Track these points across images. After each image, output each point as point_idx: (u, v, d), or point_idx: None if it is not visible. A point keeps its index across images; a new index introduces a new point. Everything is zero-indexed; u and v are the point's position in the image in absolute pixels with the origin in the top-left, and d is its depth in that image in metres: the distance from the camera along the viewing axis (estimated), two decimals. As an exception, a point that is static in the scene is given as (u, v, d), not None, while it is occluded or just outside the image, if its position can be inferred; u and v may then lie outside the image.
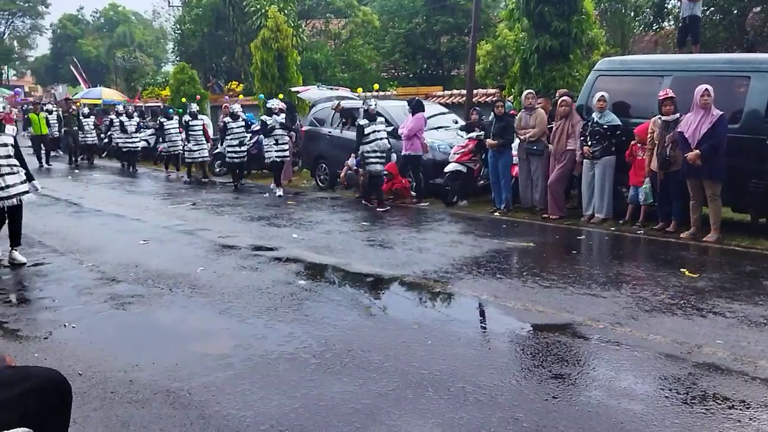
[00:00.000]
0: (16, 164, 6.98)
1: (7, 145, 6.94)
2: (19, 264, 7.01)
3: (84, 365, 4.29)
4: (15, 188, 6.95)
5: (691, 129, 7.55)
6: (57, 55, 60.52)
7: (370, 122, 10.76)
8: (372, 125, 10.75)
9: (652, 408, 3.52)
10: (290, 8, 23.42)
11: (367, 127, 10.71)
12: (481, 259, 7.07)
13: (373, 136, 10.66)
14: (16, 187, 6.96)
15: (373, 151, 10.65)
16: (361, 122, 10.84)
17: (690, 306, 5.28)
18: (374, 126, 10.76)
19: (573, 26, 11.89)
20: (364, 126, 10.76)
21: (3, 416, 2.21)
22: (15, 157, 7.04)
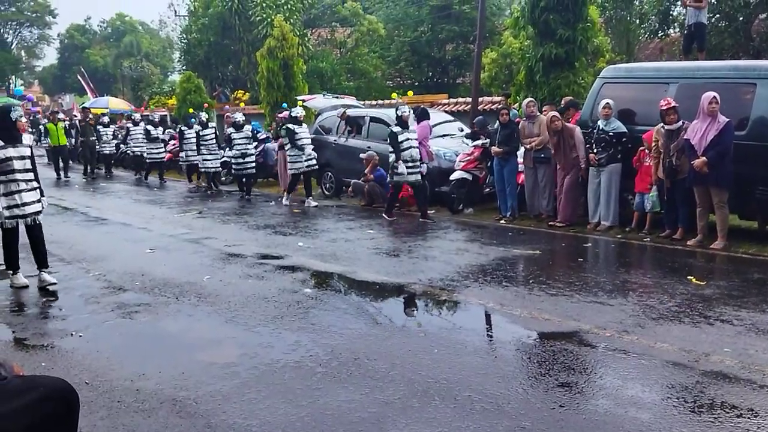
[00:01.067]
0: (33, 179, 6.45)
1: (24, 157, 6.36)
2: (50, 287, 6.45)
3: (91, 374, 4.30)
4: (32, 207, 6.44)
5: (698, 136, 7.54)
6: (64, 64, 60.89)
7: (403, 130, 10.21)
8: (405, 133, 10.21)
9: (660, 417, 3.51)
10: (296, 17, 23.52)
11: (401, 135, 10.16)
12: (487, 266, 7.06)
13: (406, 144, 10.13)
14: (32, 206, 6.45)
15: (405, 160, 10.09)
16: (395, 129, 10.24)
17: (697, 314, 5.25)
18: (407, 134, 10.23)
19: (578, 34, 11.89)
20: (397, 134, 10.18)
21: (11, 425, 2.22)
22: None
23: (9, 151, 6.20)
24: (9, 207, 6.28)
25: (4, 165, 6.18)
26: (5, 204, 6.24)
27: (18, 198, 6.29)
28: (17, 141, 6.29)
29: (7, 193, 6.25)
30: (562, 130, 9.06)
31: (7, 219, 6.30)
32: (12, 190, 6.26)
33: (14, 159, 6.21)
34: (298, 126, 12.32)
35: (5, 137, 6.19)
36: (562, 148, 9.12)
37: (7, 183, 6.25)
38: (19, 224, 6.40)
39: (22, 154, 6.33)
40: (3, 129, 6.21)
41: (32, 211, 6.43)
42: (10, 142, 6.20)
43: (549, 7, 11.63)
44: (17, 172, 6.26)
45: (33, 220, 6.48)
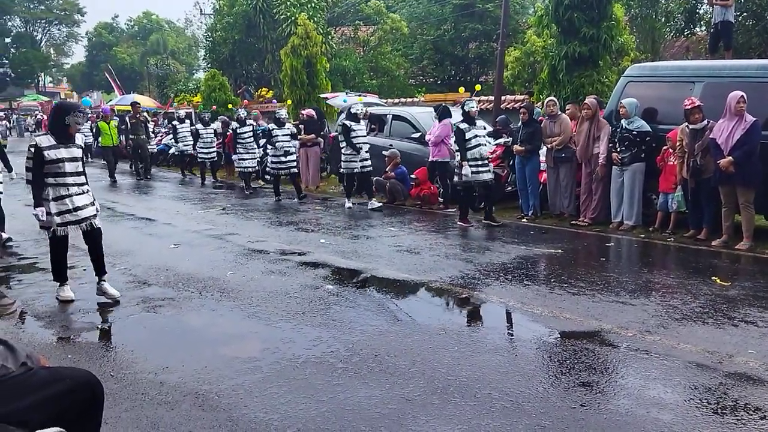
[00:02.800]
0: (84, 182, 5.91)
1: (77, 159, 5.82)
2: (111, 299, 5.92)
3: (115, 367, 4.37)
4: (85, 210, 5.87)
5: (724, 135, 7.45)
6: (92, 62, 61.75)
7: (470, 126, 9.45)
8: (473, 129, 9.47)
9: (682, 418, 3.48)
10: (320, 16, 23.62)
11: (468, 132, 9.43)
12: (508, 265, 7.05)
13: (474, 142, 9.38)
14: (86, 210, 5.88)
15: (474, 159, 9.40)
16: (461, 126, 9.46)
17: (721, 315, 5.20)
18: (475, 130, 9.48)
19: (602, 32, 11.79)
20: (464, 131, 9.44)
21: (38, 416, 2.26)
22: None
23: (61, 151, 5.69)
24: (60, 213, 5.72)
25: (54, 166, 5.67)
26: (56, 210, 5.70)
27: (69, 202, 5.75)
28: (69, 141, 5.78)
29: (57, 197, 5.71)
30: (593, 119, 9.03)
31: (59, 226, 5.75)
32: (62, 194, 5.73)
33: (66, 160, 5.71)
34: (356, 123, 11.43)
35: (58, 136, 5.70)
36: (584, 139, 9.08)
37: (57, 186, 5.72)
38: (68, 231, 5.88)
39: (74, 155, 5.81)
40: (57, 128, 5.72)
41: (86, 215, 5.88)
42: (62, 142, 5.70)
43: (573, 5, 11.55)
44: (68, 175, 5.75)
45: (89, 225, 5.93)
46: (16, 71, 55.78)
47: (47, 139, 5.63)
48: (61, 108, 5.82)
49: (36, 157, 5.61)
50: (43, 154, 5.57)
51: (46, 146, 5.59)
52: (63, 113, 5.66)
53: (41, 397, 2.30)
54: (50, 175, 5.66)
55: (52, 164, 5.63)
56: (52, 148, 5.63)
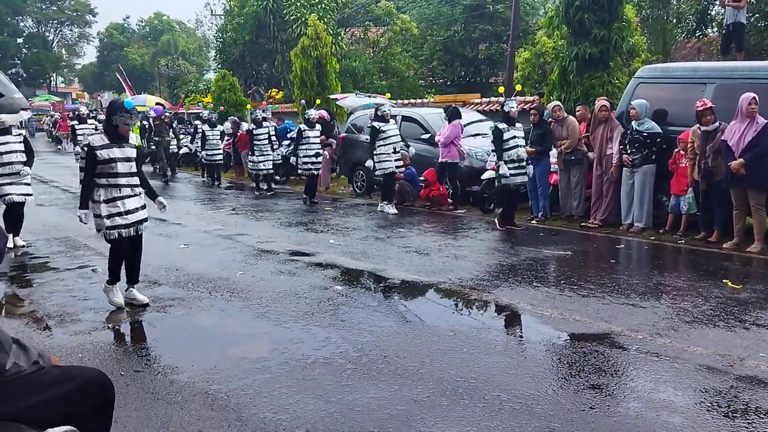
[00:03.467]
0: (137, 184, 5.66)
1: (130, 159, 5.57)
2: (140, 305, 5.74)
3: (126, 366, 4.40)
4: (136, 214, 5.61)
5: (736, 137, 7.41)
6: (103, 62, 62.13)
7: (509, 126, 9.17)
8: (511, 130, 9.15)
9: (692, 421, 3.46)
10: (330, 16, 23.65)
11: (506, 132, 9.11)
12: (517, 267, 7.03)
13: (512, 143, 9.09)
14: (137, 213, 5.62)
15: (512, 160, 9.06)
16: (500, 126, 9.14)
17: (732, 318, 5.17)
18: (514, 131, 9.16)
19: (613, 33, 11.74)
20: (503, 131, 9.09)
21: (49, 414, 2.27)
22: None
23: (113, 151, 5.45)
24: (111, 215, 5.47)
25: (107, 167, 5.44)
26: (106, 212, 5.45)
27: (121, 205, 5.50)
28: (123, 140, 5.54)
29: (108, 199, 5.47)
30: (608, 120, 9.02)
31: (108, 230, 5.51)
32: (114, 196, 5.48)
33: (119, 160, 5.47)
34: (385, 123, 11.04)
35: (110, 136, 5.48)
36: (600, 140, 9.07)
37: (109, 188, 5.48)
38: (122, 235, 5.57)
39: (127, 155, 5.56)
40: (108, 128, 5.53)
41: (136, 219, 5.62)
42: (115, 141, 5.47)
43: (584, 6, 11.50)
44: (120, 175, 5.50)
45: (136, 230, 5.67)
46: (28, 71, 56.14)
47: (100, 138, 5.44)
48: (108, 108, 5.63)
49: (89, 157, 5.43)
50: (95, 153, 5.37)
51: (99, 145, 5.39)
52: (110, 113, 5.50)
53: (53, 396, 2.31)
54: (103, 175, 5.45)
55: (104, 164, 5.42)
56: (105, 147, 5.42)
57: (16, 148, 8.12)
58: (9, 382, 2.20)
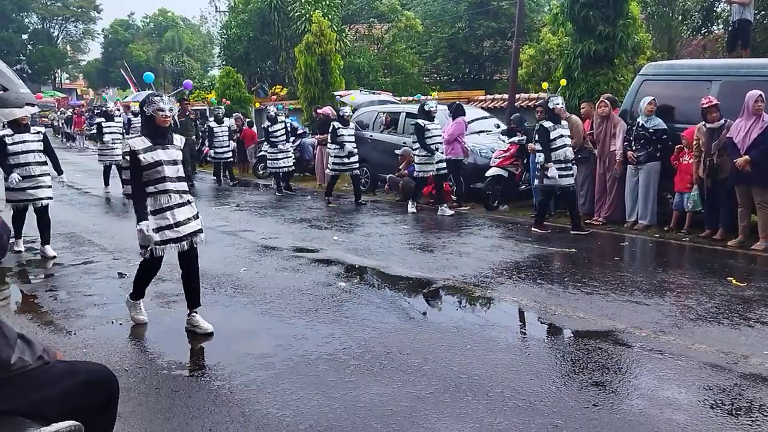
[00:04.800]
0: (186, 190, 4.97)
1: (177, 162, 4.87)
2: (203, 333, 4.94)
3: (130, 361, 4.41)
4: (187, 226, 4.89)
5: (741, 135, 7.39)
6: (108, 59, 62.18)
7: (555, 125, 8.60)
8: (558, 129, 8.61)
9: (696, 419, 3.46)
10: (334, 13, 23.63)
11: (553, 131, 8.59)
12: (521, 264, 7.03)
13: (560, 142, 8.55)
14: (189, 225, 4.90)
15: (559, 161, 8.53)
16: (546, 124, 8.60)
17: (737, 315, 5.16)
18: (560, 130, 8.64)
19: (618, 30, 11.72)
20: (549, 129, 8.59)
21: (54, 409, 2.28)
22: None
23: (158, 153, 4.76)
24: (160, 228, 4.77)
25: (152, 171, 4.74)
26: (154, 225, 4.74)
27: (170, 216, 4.80)
28: (167, 141, 4.87)
29: (156, 210, 4.77)
30: (609, 116, 9.01)
31: (157, 245, 4.79)
32: (162, 205, 4.78)
33: (165, 164, 4.76)
34: (430, 122, 10.37)
35: (153, 136, 4.79)
36: (602, 137, 9.06)
37: (157, 195, 4.78)
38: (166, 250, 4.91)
39: (173, 157, 4.85)
40: (148, 127, 4.85)
41: (189, 231, 4.91)
42: (158, 143, 4.79)
43: (589, 3, 11.50)
44: (168, 180, 4.79)
45: (190, 244, 4.96)
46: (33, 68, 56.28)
47: (141, 141, 4.74)
48: (141, 103, 4.90)
49: (132, 164, 4.73)
50: (138, 158, 4.68)
51: (141, 148, 4.70)
52: (141, 107, 4.84)
53: (57, 391, 2.32)
54: (149, 182, 4.76)
55: (149, 169, 4.72)
56: (148, 150, 4.72)
57: (34, 147, 7.41)
58: (14, 377, 2.21)
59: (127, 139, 4.93)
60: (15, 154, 7.27)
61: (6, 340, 2.17)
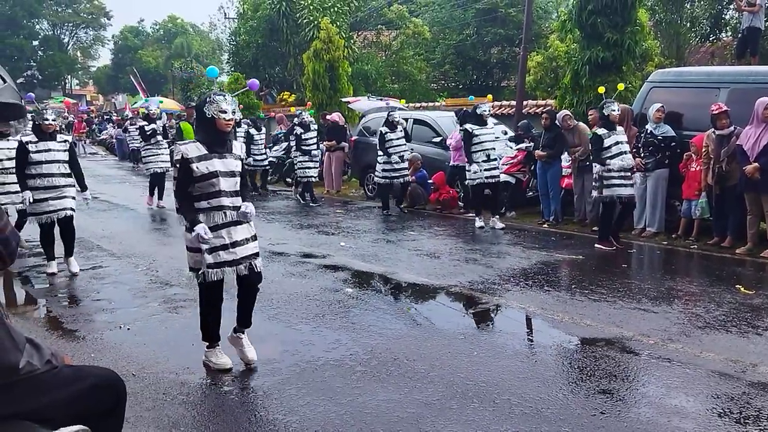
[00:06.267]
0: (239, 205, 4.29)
1: (234, 174, 4.24)
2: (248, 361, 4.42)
3: (137, 366, 4.42)
4: (245, 248, 4.32)
5: (751, 142, 7.36)
6: (118, 65, 62.50)
7: (610, 132, 8.00)
8: (613, 135, 8.00)
9: (704, 427, 3.44)
10: (342, 20, 23.69)
11: (607, 138, 7.98)
12: (528, 270, 7.02)
13: (615, 149, 7.95)
14: (246, 246, 4.33)
15: (612, 169, 7.94)
16: (599, 131, 8.06)
17: (745, 323, 5.13)
18: (616, 136, 8.03)
19: (626, 37, 11.70)
20: (603, 136, 8.01)
21: (61, 413, 2.29)
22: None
23: (214, 162, 4.14)
24: (214, 249, 4.18)
25: (206, 183, 4.13)
26: (208, 245, 4.18)
27: (226, 235, 4.21)
28: (226, 148, 4.24)
29: (210, 228, 4.15)
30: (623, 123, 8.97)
31: (210, 269, 4.20)
32: (218, 223, 4.19)
33: (221, 175, 4.15)
34: (480, 126, 9.58)
35: (210, 140, 4.18)
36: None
37: (210, 212, 4.17)
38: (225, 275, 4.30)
39: (230, 168, 4.22)
40: (206, 131, 4.21)
41: (246, 254, 4.32)
42: (216, 150, 4.18)
43: (597, 10, 11.48)
44: (224, 194, 4.18)
45: (249, 267, 4.36)
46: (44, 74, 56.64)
47: (196, 148, 4.13)
48: (200, 103, 4.28)
49: (182, 172, 4.11)
50: (190, 167, 4.08)
51: (195, 156, 4.09)
52: (200, 108, 4.20)
53: (65, 395, 2.33)
54: (201, 196, 4.17)
55: (202, 180, 4.11)
56: (203, 159, 4.11)
57: (60, 157, 6.77)
58: (22, 381, 2.22)
59: (179, 145, 4.21)
60: (38, 164, 6.63)
61: (15, 344, 2.19)
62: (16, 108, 2.12)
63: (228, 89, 23.72)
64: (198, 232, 4.08)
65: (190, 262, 4.35)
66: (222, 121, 4.11)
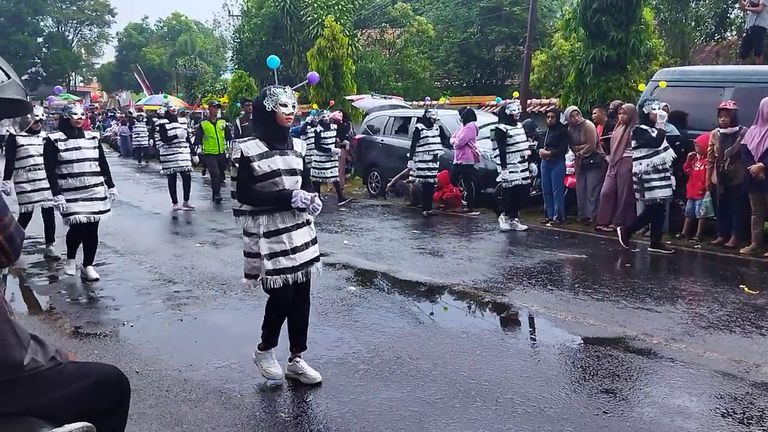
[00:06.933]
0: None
1: (296, 172, 3.91)
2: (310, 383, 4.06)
3: (141, 363, 4.43)
4: (305, 253, 3.99)
5: (756, 142, 7.34)
6: (122, 62, 62.58)
7: (652, 129, 7.61)
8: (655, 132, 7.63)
9: (707, 427, 3.44)
10: (346, 18, 23.69)
11: (653, 134, 7.58)
12: (532, 269, 7.01)
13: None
14: (307, 251, 4.00)
15: (652, 170, 7.59)
16: (643, 126, 7.62)
17: (749, 323, 5.12)
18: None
19: (631, 36, 11.69)
20: (649, 131, 7.57)
21: (65, 410, 2.29)
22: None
23: (276, 160, 3.84)
24: (274, 255, 3.85)
25: (268, 183, 3.82)
26: (267, 250, 3.84)
27: (287, 240, 3.88)
28: (287, 145, 3.95)
29: (271, 231, 3.86)
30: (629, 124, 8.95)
31: (269, 276, 3.86)
32: (279, 226, 3.87)
33: (283, 174, 3.84)
34: (512, 127, 9.19)
35: (270, 136, 3.88)
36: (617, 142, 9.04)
37: (271, 214, 3.86)
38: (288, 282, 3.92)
39: (292, 166, 3.91)
40: (265, 125, 3.91)
41: (306, 259, 4.00)
42: (276, 147, 3.87)
43: (602, 9, 11.48)
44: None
45: (306, 275, 4.04)
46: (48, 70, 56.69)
47: (255, 145, 3.82)
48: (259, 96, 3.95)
49: (242, 171, 3.80)
50: (251, 166, 3.78)
51: (255, 154, 3.79)
52: (259, 101, 3.90)
53: (69, 392, 2.33)
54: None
55: (263, 180, 3.81)
56: (263, 157, 3.80)
57: (90, 155, 6.43)
58: (26, 378, 2.22)
59: (239, 143, 3.91)
60: (68, 162, 6.28)
61: (19, 341, 2.19)
62: (20, 104, 2.12)
63: (232, 87, 23.75)
64: (299, 196, 3.74)
65: (246, 269, 4.03)
66: (282, 115, 3.84)
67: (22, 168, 7.43)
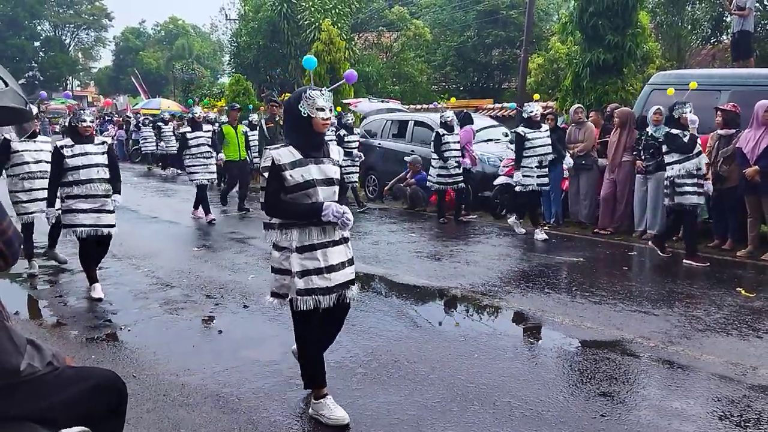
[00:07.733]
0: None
1: (332, 182, 3.57)
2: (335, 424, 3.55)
3: (138, 368, 4.42)
4: (342, 273, 3.62)
5: (751, 145, 7.37)
6: (119, 66, 62.69)
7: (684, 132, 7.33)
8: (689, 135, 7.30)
9: (705, 430, 3.44)
10: (343, 22, 23.73)
11: (684, 138, 7.27)
12: (529, 273, 7.02)
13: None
14: (343, 271, 3.63)
15: (685, 175, 7.28)
16: (674, 131, 7.37)
17: (746, 326, 5.13)
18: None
19: (627, 40, 11.74)
20: (680, 135, 7.31)
21: (63, 415, 2.29)
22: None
23: (310, 169, 3.50)
24: (306, 272, 3.49)
25: (301, 194, 3.49)
26: (299, 267, 3.48)
27: (321, 257, 3.52)
28: (323, 152, 3.62)
29: (304, 246, 3.52)
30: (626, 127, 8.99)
31: (300, 296, 3.48)
32: (314, 241, 3.52)
33: (318, 184, 3.50)
34: (531, 130, 8.90)
35: (305, 144, 3.54)
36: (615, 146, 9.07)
37: (306, 227, 3.51)
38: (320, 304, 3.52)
39: (328, 175, 3.57)
40: (298, 132, 3.57)
41: (342, 280, 3.62)
42: (311, 155, 3.53)
43: (598, 13, 11.52)
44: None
45: (342, 297, 3.67)
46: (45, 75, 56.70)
47: (288, 153, 3.48)
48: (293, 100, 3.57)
49: (273, 180, 3.47)
50: (283, 175, 3.45)
51: (288, 162, 3.45)
52: (293, 105, 3.52)
53: (66, 396, 2.33)
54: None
55: (297, 191, 3.48)
56: (298, 165, 3.47)
57: (99, 161, 6.06)
58: (24, 383, 2.22)
59: (270, 149, 3.54)
60: (75, 169, 5.94)
61: (15, 347, 2.19)
62: (18, 112, 2.12)
63: (229, 90, 23.77)
64: (331, 209, 3.42)
65: (273, 286, 3.65)
66: (319, 121, 3.49)
67: (17, 176, 6.90)
